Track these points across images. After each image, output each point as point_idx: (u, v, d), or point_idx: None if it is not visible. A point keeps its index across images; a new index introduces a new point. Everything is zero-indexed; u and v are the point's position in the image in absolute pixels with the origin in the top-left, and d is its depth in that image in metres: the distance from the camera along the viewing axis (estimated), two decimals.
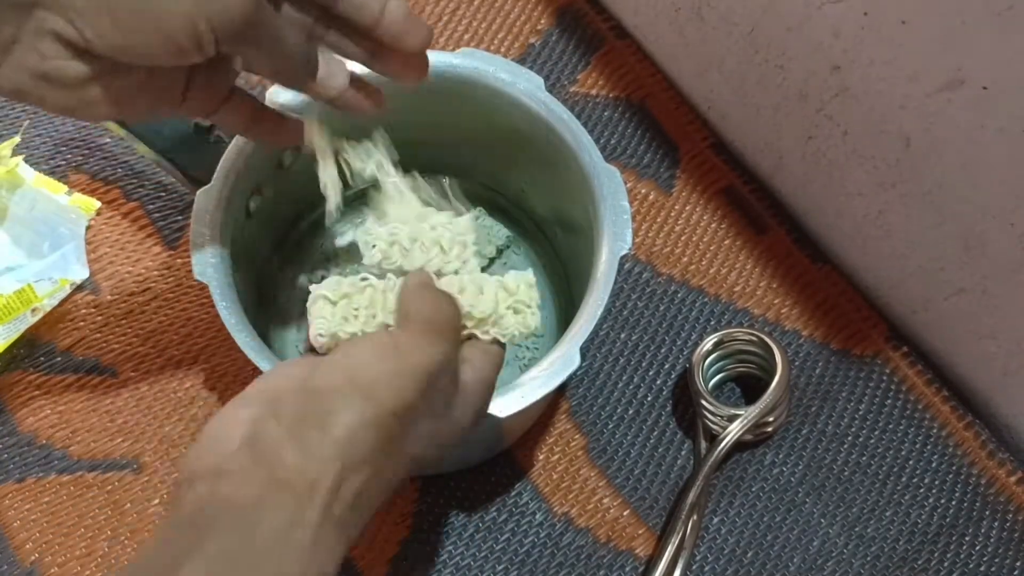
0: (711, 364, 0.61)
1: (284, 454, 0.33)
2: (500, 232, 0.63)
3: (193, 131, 0.59)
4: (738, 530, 0.59)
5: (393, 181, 0.48)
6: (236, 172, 0.53)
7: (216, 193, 0.51)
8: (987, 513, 0.59)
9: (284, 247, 0.62)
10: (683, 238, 0.67)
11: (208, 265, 0.50)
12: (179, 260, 0.64)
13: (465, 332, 0.43)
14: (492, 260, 0.63)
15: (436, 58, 0.56)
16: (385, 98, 0.47)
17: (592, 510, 0.59)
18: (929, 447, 0.61)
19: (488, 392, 0.41)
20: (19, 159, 0.64)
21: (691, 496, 0.57)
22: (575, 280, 0.60)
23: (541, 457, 0.60)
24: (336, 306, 0.42)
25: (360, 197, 0.67)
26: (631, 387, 0.62)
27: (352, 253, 0.62)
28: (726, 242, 0.67)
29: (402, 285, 0.42)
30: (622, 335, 0.63)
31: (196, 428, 0.60)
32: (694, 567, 0.58)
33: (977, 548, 0.59)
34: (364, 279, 0.43)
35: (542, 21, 0.73)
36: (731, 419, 0.58)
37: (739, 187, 0.68)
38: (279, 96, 0.54)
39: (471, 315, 0.43)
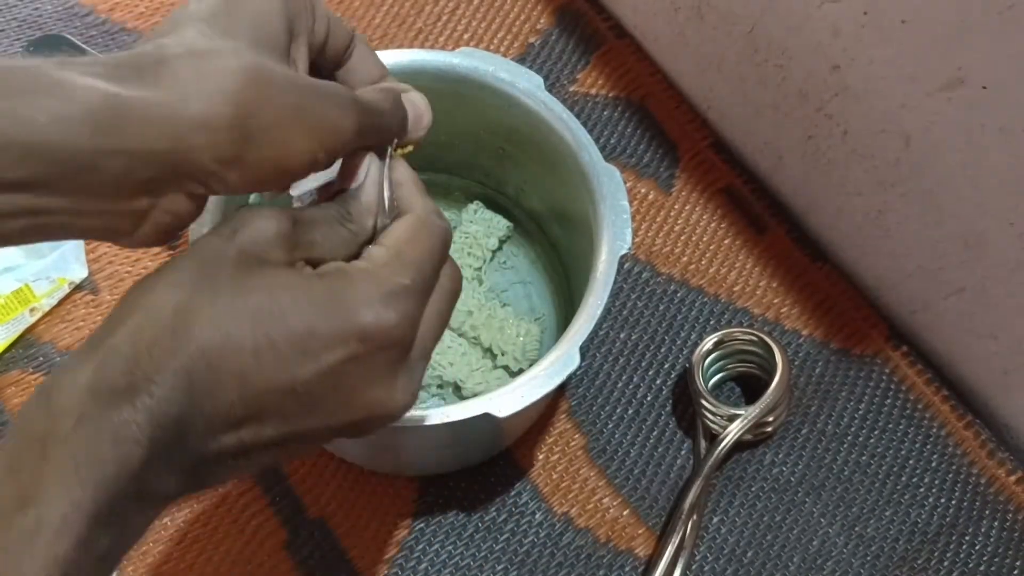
0: (711, 364, 0.61)
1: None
2: (501, 223, 0.63)
3: None
4: (738, 530, 0.59)
5: None
6: None
7: None
8: (987, 513, 0.59)
9: None
10: (683, 237, 0.67)
11: None
12: None
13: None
14: (494, 253, 0.63)
15: (435, 57, 0.57)
16: None
17: (592, 510, 0.59)
18: (929, 447, 0.61)
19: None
20: None
21: (691, 496, 0.57)
22: (574, 279, 0.60)
23: (541, 457, 0.60)
24: None
25: None
26: (631, 387, 0.62)
27: None
28: (726, 241, 0.66)
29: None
30: (622, 335, 0.63)
31: None
32: (694, 567, 0.58)
33: (977, 548, 0.59)
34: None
35: (541, 20, 0.73)
36: (731, 419, 0.58)
37: (739, 186, 0.68)
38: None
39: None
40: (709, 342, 0.60)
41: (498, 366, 0.59)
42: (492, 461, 0.60)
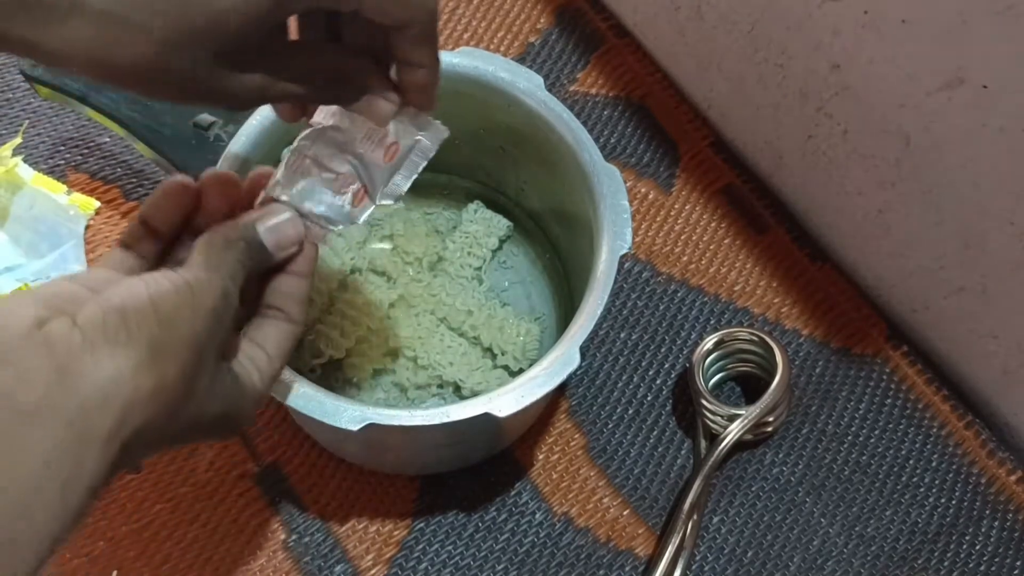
0: (711, 363, 0.61)
1: (81, 358, 0.32)
2: (501, 223, 0.63)
3: (192, 130, 0.59)
4: (738, 529, 0.59)
5: None
6: (234, 171, 0.52)
7: None
8: (987, 512, 0.59)
9: None
10: (683, 237, 0.67)
11: None
12: None
13: None
14: (494, 253, 0.63)
15: None
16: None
17: (592, 510, 0.59)
18: (929, 446, 0.61)
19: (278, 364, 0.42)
20: (18, 159, 0.64)
21: (691, 496, 0.57)
22: (574, 279, 0.60)
23: (541, 457, 0.60)
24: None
25: None
26: (631, 386, 0.62)
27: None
28: (726, 241, 0.67)
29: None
30: (622, 334, 0.63)
31: None
32: (694, 567, 0.58)
33: (977, 547, 0.59)
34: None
35: (541, 20, 0.73)
36: (731, 419, 0.58)
37: (739, 186, 0.68)
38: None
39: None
40: (709, 342, 0.60)
41: (498, 366, 0.59)
42: (492, 461, 0.60)
